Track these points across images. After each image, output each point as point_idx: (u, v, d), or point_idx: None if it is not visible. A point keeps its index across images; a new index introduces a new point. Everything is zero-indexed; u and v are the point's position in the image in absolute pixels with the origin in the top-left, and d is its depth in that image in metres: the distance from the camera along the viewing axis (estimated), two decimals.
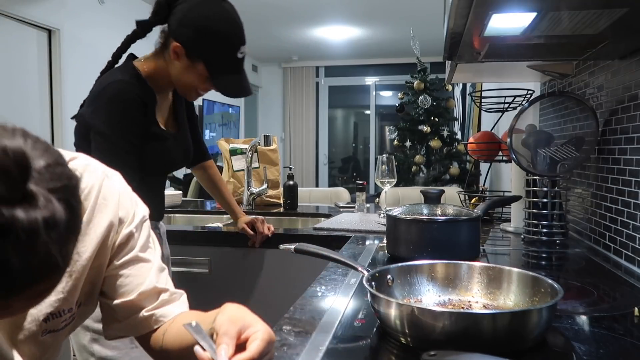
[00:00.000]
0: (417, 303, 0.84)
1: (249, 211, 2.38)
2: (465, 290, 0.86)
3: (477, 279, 0.86)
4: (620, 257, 1.27)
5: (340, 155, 8.80)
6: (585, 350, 0.70)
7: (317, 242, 1.72)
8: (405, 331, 0.69)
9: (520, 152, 1.55)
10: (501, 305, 0.82)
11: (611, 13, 0.94)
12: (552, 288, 0.75)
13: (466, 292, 0.86)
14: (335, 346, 0.71)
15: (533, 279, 0.80)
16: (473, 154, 2.18)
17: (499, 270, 0.85)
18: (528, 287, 0.81)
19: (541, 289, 0.77)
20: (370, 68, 8.08)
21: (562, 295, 0.70)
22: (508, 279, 0.84)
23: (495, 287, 0.84)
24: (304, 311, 0.87)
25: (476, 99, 2.29)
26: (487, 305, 0.83)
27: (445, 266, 0.88)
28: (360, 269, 0.85)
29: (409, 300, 0.85)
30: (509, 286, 0.83)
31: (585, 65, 1.54)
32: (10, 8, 3.45)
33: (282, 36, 6.41)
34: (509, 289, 0.83)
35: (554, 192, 1.51)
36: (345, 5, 5.23)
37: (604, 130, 1.40)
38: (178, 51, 1.29)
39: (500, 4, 0.92)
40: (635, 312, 0.85)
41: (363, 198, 2.25)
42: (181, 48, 1.28)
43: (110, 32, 3.20)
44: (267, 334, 0.62)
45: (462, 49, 1.25)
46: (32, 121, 3.79)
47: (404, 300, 0.84)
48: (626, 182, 1.24)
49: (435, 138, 5.04)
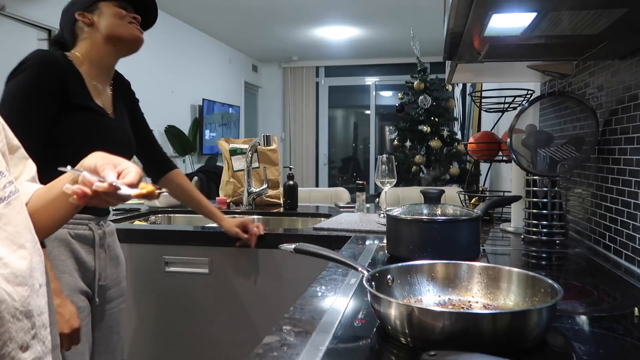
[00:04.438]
0: (417, 303, 0.84)
1: (249, 211, 2.38)
2: (465, 290, 0.86)
3: (477, 279, 0.86)
4: (620, 257, 1.27)
5: (340, 155, 8.80)
6: (585, 350, 0.70)
7: (317, 242, 1.72)
8: (406, 331, 0.69)
9: (520, 152, 1.55)
10: (501, 305, 0.82)
11: (611, 13, 0.94)
12: (552, 288, 0.75)
13: (466, 292, 0.86)
14: (335, 346, 0.71)
15: (533, 279, 0.80)
16: (473, 154, 2.18)
17: (498, 270, 0.85)
18: (528, 287, 0.81)
19: (541, 289, 0.77)
20: (370, 68, 8.09)
21: (562, 295, 0.70)
22: (508, 279, 0.84)
23: (495, 287, 0.84)
24: (304, 311, 0.87)
25: (476, 99, 2.29)
26: (487, 305, 0.83)
27: (445, 266, 0.88)
28: (360, 269, 0.85)
29: (409, 300, 0.85)
30: (509, 286, 0.83)
31: (585, 65, 1.54)
32: (11, 8, 3.45)
33: (282, 36, 6.41)
34: (509, 289, 0.83)
35: (554, 192, 1.51)
36: (345, 5, 5.23)
37: (604, 130, 1.40)
38: (80, 18, 1.34)
39: (500, 4, 0.92)
40: (635, 312, 0.85)
41: (363, 198, 2.25)
42: (79, 14, 1.34)
43: None
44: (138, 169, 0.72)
45: (462, 49, 1.25)
46: None
47: (404, 300, 0.84)
48: (626, 182, 1.24)
49: (435, 138, 5.04)
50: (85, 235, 1.34)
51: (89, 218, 1.35)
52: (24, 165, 0.87)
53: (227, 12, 5.48)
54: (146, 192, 0.71)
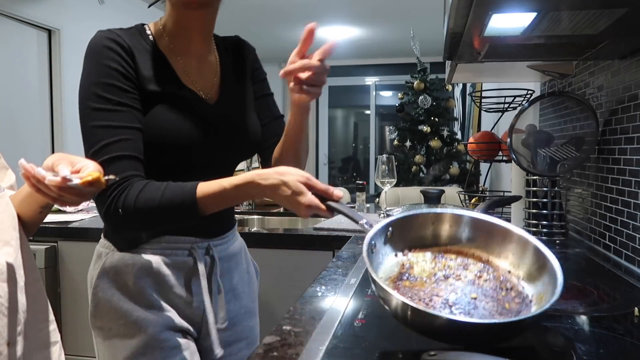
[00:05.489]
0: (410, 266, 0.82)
1: (249, 211, 2.38)
2: (462, 244, 0.84)
3: (478, 235, 0.83)
4: (620, 257, 1.27)
5: (340, 155, 8.80)
6: (585, 350, 0.70)
7: (317, 242, 1.72)
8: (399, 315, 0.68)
9: (520, 152, 1.55)
10: (495, 266, 0.81)
11: (611, 13, 0.94)
12: (553, 278, 0.71)
13: (463, 246, 0.83)
14: (335, 346, 0.71)
15: (538, 255, 0.77)
16: (473, 154, 2.18)
17: (506, 231, 0.82)
18: (529, 258, 0.78)
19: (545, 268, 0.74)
20: (370, 68, 8.08)
21: (558, 297, 0.67)
22: (511, 240, 0.81)
23: (494, 243, 0.82)
24: (304, 311, 0.87)
25: (476, 99, 2.29)
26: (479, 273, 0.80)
27: (449, 217, 0.85)
28: (362, 222, 0.82)
29: (407, 253, 0.83)
30: (508, 246, 0.81)
31: (585, 65, 1.54)
32: (10, 8, 3.45)
33: (282, 36, 6.41)
34: (506, 248, 0.81)
35: (554, 192, 1.51)
36: (345, 5, 5.23)
37: (604, 130, 1.40)
38: None
39: (500, 4, 0.92)
40: (635, 312, 0.85)
41: (363, 198, 2.25)
42: None
43: None
44: (97, 166, 0.74)
45: (462, 49, 1.25)
46: (32, 121, 3.79)
47: (402, 254, 0.83)
48: (626, 182, 1.24)
49: (435, 138, 5.04)
50: (183, 263, 1.05)
51: (192, 241, 1.05)
52: (4, 174, 0.91)
53: (227, 11, 5.46)
54: (91, 179, 0.71)
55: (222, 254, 1.11)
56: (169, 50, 1.04)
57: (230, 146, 1.09)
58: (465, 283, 0.79)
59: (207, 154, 1.04)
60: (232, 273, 1.14)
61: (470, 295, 0.76)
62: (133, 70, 0.96)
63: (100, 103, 0.92)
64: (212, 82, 1.09)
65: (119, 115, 0.93)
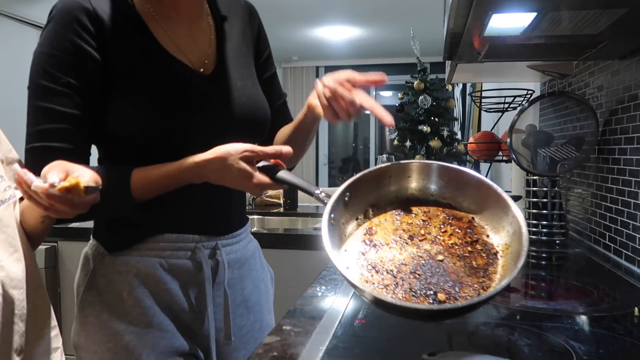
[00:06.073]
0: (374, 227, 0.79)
1: (249, 211, 2.38)
2: (422, 194, 0.81)
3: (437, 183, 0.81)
4: (620, 257, 1.27)
5: (340, 155, 8.80)
6: (585, 350, 0.70)
7: (317, 241, 1.72)
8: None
9: (520, 152, 1.55)
10: (458, 215, 0.78)
11: (611, 13, 0.94)
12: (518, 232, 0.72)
13: (425, 196, 0.80)
14: (335, 346, 0.71)
15: (498, 200, 0.76)
16: (473, 154, 2.18)
17: (464, 175, 0.79)
18: (490, 204, 0.77)
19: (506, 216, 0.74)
20: (370, 68, 8.02)
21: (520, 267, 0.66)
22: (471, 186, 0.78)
23: (456, 190, 0.79)
24: (304, 311, 0.87)
25: (476, 99, 2.29)
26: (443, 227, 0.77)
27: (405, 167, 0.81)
28: (317, 192, 0.80)
29: (370, 215, 0.80)
30: (467, 192, 0.78)
31: (585, 65, 1.54)
32: (10, 8, 3.45)
33: (282, 36, 6.41)
34: (467, 194, 0.79)
35: (554, 192, 1.51)
36: (345, 5, 5.23)
37: (604, 130, 1.40)
38: None
39: (500, 4, 0.92)
40: (635, 312, 0.85)
41: None
42: None
43: None
44: (94, 174, 0.71)
45: (462, 49, 1.25)
46: None
47: (366, 216, 0.80)
48: (626, 182, 1.24)
49: (435, 138, 5.03)
50: (184, 266, 0.89)
51: (196, 240, 0.90)
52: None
53: None
54: (68, 185, 0.65)
55: (232, 256, 0.95)
56: (151, 16, 0.87)
57: (232, 128, 0.89)
58: (430, 243, 0.76)
59: (204, 139, 0.83)
60: (244, 282, 0.98)
61: (437, 258, 0.73)
62: (100, 43, 0.82)
63: (47, 80, 0.80)
64: (207, 51, 0.91)
65: (64, 100, 0.80)
